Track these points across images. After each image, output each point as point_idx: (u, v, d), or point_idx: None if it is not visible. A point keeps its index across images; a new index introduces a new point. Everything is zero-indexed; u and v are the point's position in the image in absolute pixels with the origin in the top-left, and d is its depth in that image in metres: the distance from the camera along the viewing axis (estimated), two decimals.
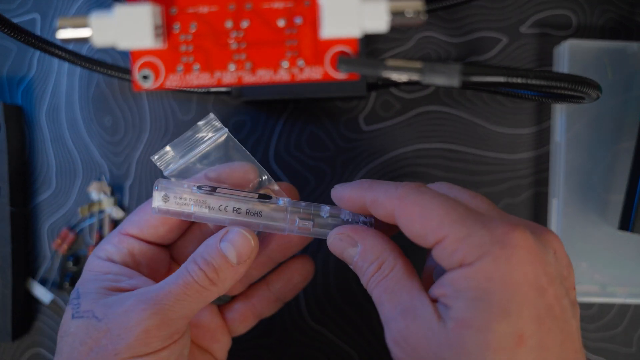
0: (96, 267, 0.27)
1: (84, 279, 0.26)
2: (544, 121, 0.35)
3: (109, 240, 0.28)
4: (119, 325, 0.23)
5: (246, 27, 0.21)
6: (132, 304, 0.24)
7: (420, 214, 0.22)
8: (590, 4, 0.35)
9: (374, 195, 0.24)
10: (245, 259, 0.25)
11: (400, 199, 0.23)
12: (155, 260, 0.28)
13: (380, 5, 0.20)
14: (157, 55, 0.21)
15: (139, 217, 0.28)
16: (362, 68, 0.21)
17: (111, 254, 0.27)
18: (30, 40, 0.30)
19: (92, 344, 0.24)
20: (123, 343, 0.23)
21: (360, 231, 0.25)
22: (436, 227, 0.22)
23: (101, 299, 0.25)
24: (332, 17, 0.20)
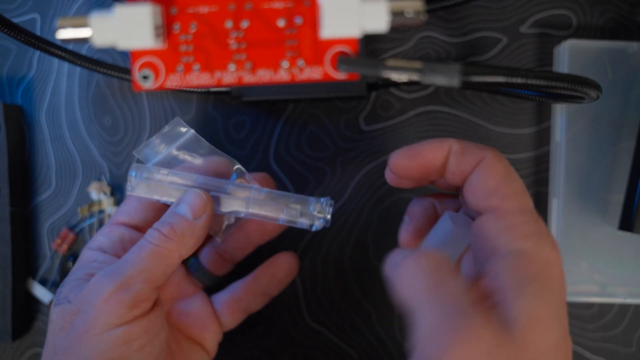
0: (85, 257, 0.27)
1: (72, 270, 0.27)
2: (544, 121, 0.35)
3: (101, 231, 0.29)
4: (85, 303, 0.24)
5: (246, 27, 0.21)
6: (94, 281, 0.24)
7: (503, 174, 0.22)
8: (590, 4, 0.35)
9: (463, 143, 0.23)
10: (201, 213, 0.26)
11: (492, 151, 0.23)
12: None
13: (380, 5, 0.20)
14: (157, 55, 0.21)
15: (128, 206, 0.29)
16: (362, 68, 0.21)
17: (102, 243, 0.28)
18: (30, 40, 0.30)
19: (67, 327, 0.24)
20: (89, 318, 0.24)
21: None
22: (509, 194, 0.21)
23: (79, 285, 0.25)
24: (332, 17, 0.20)
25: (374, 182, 0.35)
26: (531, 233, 0.21)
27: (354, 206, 0.35)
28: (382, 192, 0.35)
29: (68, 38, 0.21)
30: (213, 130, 0.35)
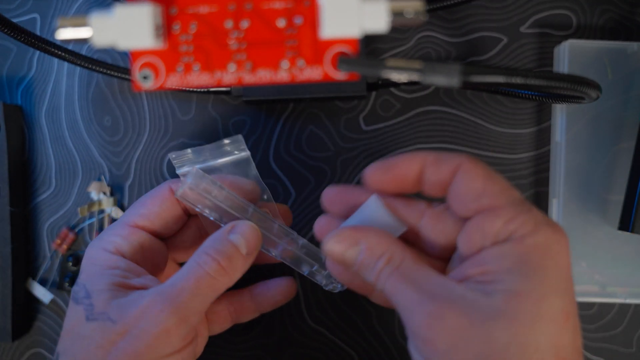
0: (103, 260, 0.26)
1: (90, 274, 0.26)
2: (544, 121, 0.35)
3: (116, 232, 0.27)
4: (137, 327, 0.23)
5: (246, 27, 0.21)
6: (147, 304, 0.24)
7: (485, 175, 0.22)
8: (590, 4, 0.35)
9: (437, 154, 0.23)
10: (253, 249, 0.26)
11: (467, 157, 0.23)
12: (158, 255, 0.28)
13: (380, 6, 0.20)
14: (157, 55, 0.21)
15: (148, 210, 0.28)
16: (362, 68, 0.21)
17: (120, 246, 0.27)
18: (30, 40, 0.30)
19: (108, 346, 0.23)
20: (143, 344, 0.23)
21: (361, 230, 0.24)
22: (498, 192, 0.22)
23: (113, 298, 0.24)
24: (332, 17, 0.20)
25: None
26: (528, 221, 0.21)
27: None
28: None
29: (68, 38, 0.21)
30: (213, 130, 0.35)
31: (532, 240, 0.21)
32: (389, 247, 0.23)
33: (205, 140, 0.35)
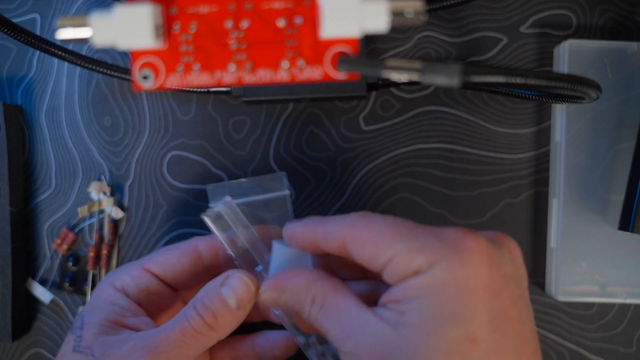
0: (106, 295, 0.27)
1: (91, 306, 0.26)
2: (544, 121, 0.35)
3: (128, 271, 0.28)
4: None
5: (246, 27, 0.21)
6: (128, 349, 0.24)
7: (371, 237, 0.22)
8: (590, 4, 0.35)
9: (324, 228, 0.24)
10: (245, 304, 0.26)
11: (350, 226, 0.23)
12: (164, 300, 0.29)
13: (380, 6, 0.20)
14: (157, 55, 0.21)
15: (165, 258, 0.28)
16: (362, 68, 0.20)
17: (127, 285, 0.27)
18: (30, 40, 0.30)
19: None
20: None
21: (283, 277, 0.25)
22: (387, 246, 0.22)
23: (102, 335, 0.25)
24: (332, 17, 0.20)
25: (374, 182, 0.35)
26: (427, 255, 0.21)
27: (353, 206, 0.35)
28: (382, 192, 0.35)
29: (68, 38, 0.21)
30: (213, 130, 0.35)
31: (431, 272, 0.21)
32: (310, 287, 0.24)
33: (205, 141, 0.35)
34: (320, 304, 0.23)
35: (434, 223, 0.35)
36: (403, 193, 0.35)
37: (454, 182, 0.35)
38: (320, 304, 0.23)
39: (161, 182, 0.35)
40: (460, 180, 0.35)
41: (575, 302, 0.34)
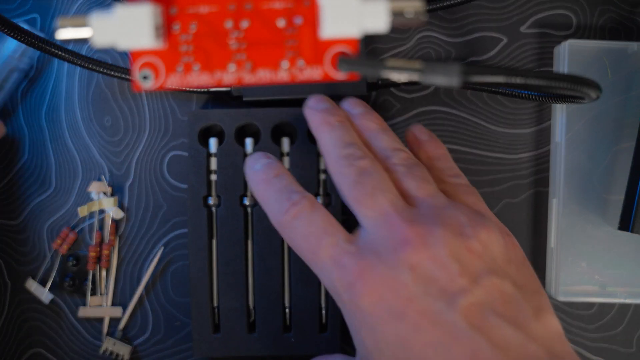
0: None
1: None
2: (544, 121, 0.35)
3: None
4: None
5: (246, 27, 0.21)
6: None
7: (294, 246, 0.24)
8: (590, 4, 0.35)
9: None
10: None
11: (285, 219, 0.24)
12: None
13: (380, 6, 0.20)
14: (157, 55, 0.21)
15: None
16: (362, 68, 0.21)
17: None
18: (30, 40, 0.30)
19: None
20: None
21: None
22: (311, 267, 0.23)
23: None
24: (332, 17, 0.20)
25: None
26: (336, 296, 0.22)
27: None
28: None
29: (68, 38, 0.21)
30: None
31: (343, 310, 0.22)
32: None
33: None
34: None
35: None
36: None
37: None
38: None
39: (161, 182, 0.35)
40: None
41: (575, 302, 0.34)
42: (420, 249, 0.21)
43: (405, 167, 0.24)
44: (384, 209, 0.23)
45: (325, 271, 0.22)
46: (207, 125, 0.34)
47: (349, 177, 0.24)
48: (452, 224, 0.22)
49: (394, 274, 0.21)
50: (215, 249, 0.33)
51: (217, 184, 0.33)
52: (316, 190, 0.33)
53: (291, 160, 0.33)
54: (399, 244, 0.21)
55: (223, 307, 0.33)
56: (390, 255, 0.21)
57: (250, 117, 0.33)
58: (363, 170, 0.24)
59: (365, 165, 0.24)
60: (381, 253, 0.22)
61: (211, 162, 0.33)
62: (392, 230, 0.22)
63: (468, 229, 0.22)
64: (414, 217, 0.22)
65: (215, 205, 0.33)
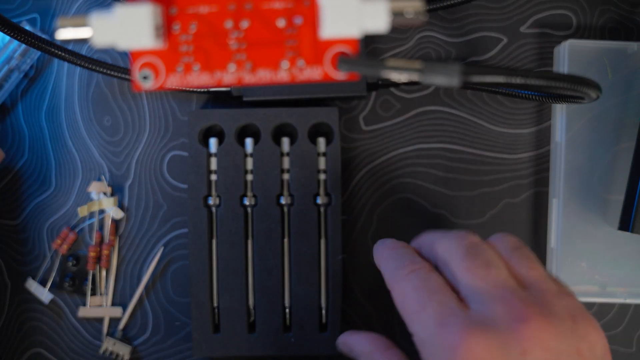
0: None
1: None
2: (544, 121, 0.35)
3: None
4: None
5: (246, 27, 0.21)
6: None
7: (400, 297, 0.24)
8: (590, 4, 0.35)
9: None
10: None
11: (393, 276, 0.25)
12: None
13: (380, 6, 0.20)
14: (157, 55, 0.21)
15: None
16: (362, 68, 0.20)
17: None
18: (30, 40, 0.30)
19: None
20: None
21: (353, 338, 0.28)
22: (409, 321, 0.23)
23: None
24: (331, 18, 0.20)
25: (374, 182, 0.35)
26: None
27: (353, 206, 0.35)
28: (382, 192, 0.35)
29: (68, 38, 0.21)
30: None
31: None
32: (369, 356, 0.26)
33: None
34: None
35: (434, 223, 0.35)
36: (403, 193, 0.35)
37: (454, 182, 0.35)
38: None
39: (161, 182, 0.35)
40: (460, 180, 0.35)
41: None
42: (536, 335, 0.21)
43: (513, 249, 0.24)
44: (498, 283, 0.22)
45: (426, 328, 0.22)
46: (207, 126, 0.34)
47: (461, 249, 0.24)
48: (565, 317, 0.22)
49: (503, 349, 0.20)
50: (215, 249, 0.33)
51: (217, 184, 0.33)
52: (316, 190, 0.33)
53: (291, 160, 0.33)
54: (516, 321, 0.21)
55: (223, 307, 0.33)
56: (505, 329, 0.21)
57: (250, 117, 0.33)
58: (474, 244, 0.24)
59: (476, 240, 0.24)
60: (495, 324, 0.21)
61: (211, 162, 0.33)
62: (508, 306, 0.21)
63: (581, 328, 0.22)
64: (528, 298, 0.22)
65: (216, 205, 0.33)
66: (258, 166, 0.33)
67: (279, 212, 0.33)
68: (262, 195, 0.33)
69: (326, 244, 0.33)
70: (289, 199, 0.33)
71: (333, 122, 0.33)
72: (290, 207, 0.33)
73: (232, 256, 0.33)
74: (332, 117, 0.33)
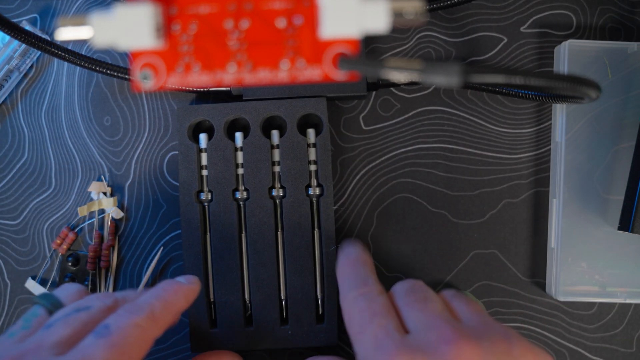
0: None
1: None
2: (544, 121, 0.35)
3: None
4: None
5: (246, 27, 0.21)
6: None
7: (347, 317, 0.26)
8: (590, 4, 0.35)
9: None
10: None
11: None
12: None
13: (380, 6, 0.20)
14: (157, 55, 0.21)
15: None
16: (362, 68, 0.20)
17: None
18: (30, 40, 0.30)
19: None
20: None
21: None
22: (352, 341, 0.24)
23: None
24: (332, 17, 0.20)
25: (374, 182, 0.35)
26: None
27: (354, 206, 0.35)
28: (382, 192, 0.35)
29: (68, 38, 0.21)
30: None
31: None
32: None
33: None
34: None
35: (434, 223, 0.35)
36: (403, 193, 0.35)
37: (454, 182, 0.35)
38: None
39: (160, 182, 0.35)
40: (460, 180, 0.35)
41: (575, 302, 0.34)
42: (463, 355, 0.22)
43: (454, 295, 0.27)
44: (434, 313, 0.24)
45: (365, 349, 0.23)
46: (196, 121, 0.34)
47: (406, 286, 0.27)
48: (498, 340, 0.23)
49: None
50: (209, 244, 0.34)
51: (208, 179, 0.33)
52: (308, 181, 0.33)
53: (281, 152, 0.33)
54: (444, 343, 0.22)
55: (219, 302, 0.33)
56: (434, 352, 0.22)
57: (239, 110, 0.33)
58: (416, 283, 0.27)
59: (420, 283, 0.27)
60: (426, 348, 0.22)
61: (202, 158, 0.34)
62: (440, 332, 0.23)
63: (516, 350, 0.23)
64: (460, 325, 0.24)
65: (208, 200, 0.33)
66: (248, 159, 0.33)
67: (271, 205, 0.33)
68: (254, 189, 0.33)
69: (320, 235, 0.33)
70: (281, 191, 0.33)
71: (322, 113, 0.33)
72: (282, 199, 0.33)
73: (226, 251, 0.33)
74: (321, 107, 0.33)
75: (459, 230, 0.35)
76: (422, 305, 0.25)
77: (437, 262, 0.35)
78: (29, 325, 0.25)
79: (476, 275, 0.35)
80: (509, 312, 0.35)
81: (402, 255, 0.35)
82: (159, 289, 0.27)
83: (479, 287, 0.35)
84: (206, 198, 0.33)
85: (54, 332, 0.24)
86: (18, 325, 0.25)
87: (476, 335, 0.23)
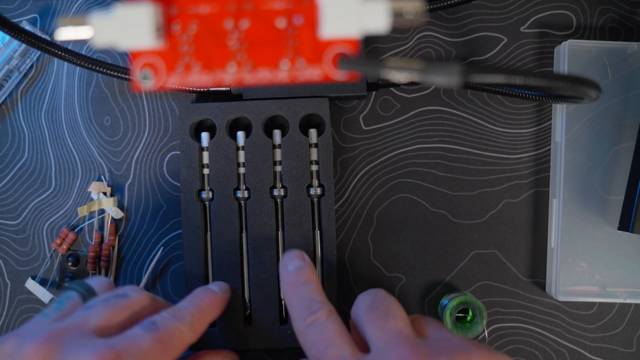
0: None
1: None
2: (544, 121, 0.35)
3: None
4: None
5: (246, 27, 0.21)
6: None
7: (303, 346, 0.26)
8: (590, 4, 0.35)
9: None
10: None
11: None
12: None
13: (380, 6, 0.20)
14: (157, 55, 0.21)
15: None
16: (362, 68, 0.20)
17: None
18: (30, 40, 0.30)
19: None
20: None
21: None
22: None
23: None
24: (331, 18, 0.20)
25: (374, 182, 0.35)
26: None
27: (354, 206, 0.35)
28: (382, 192, 0.35)
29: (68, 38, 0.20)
30: None
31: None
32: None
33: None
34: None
35: (434, 223, 0.35)
36: (403, 193, 0.35)
37: (454, 182, 0.35)
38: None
39: (161, 182, 0.35)
40: (460, 180, 0.35)
41: (575, 302, 0.34)
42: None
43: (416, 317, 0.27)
44: (394, 331, 0.24)
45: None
46: (198, 120, 0.34)
47: (366, 303, 0.26)
48: (457, 354, 0.23)
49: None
50: (209, 242, 0.33)
51: (209, 177, 0.33)
52: (309, 181, 0.33)
53: (283, 151, 0.33)
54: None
55: None
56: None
57: (241, 109, 0.33)
58: (377, 296, 0.26)
59: (381, 295, 0.27)
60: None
61: (204, 156, 0.34)
62: (400, 353, 0.23)
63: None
64: (421, 343, 0.24)
65: (209, 199, 0.33)
66: (250, 159, 0.33)
67: (272, 204, 0.33)
68: (255, 188, 0.33)
69: (320, 235, 0.33)
70: (282, 190, 0.33)
71: (324, 113, 0.33)
72: (283, 199, 0.33)
73: (227, 250, 0.33)
74: (323, 107, 0.33)
75: (459, 230, 0.35)
76: (383, 322, 0.25)
77: (437, 262, 0.35)
78: (63, 307, 0.26)
79: (476, 275, 0.35)
80: (509, 312, 0.35)
81: (402, 255, 0.35)
82: (197, 299, 0.28)
83: (479, 287, 0.35)
84: (207, 197, 0.33)
85: (96, 312, 0.25)
86: (51, 307, 0.26)
87: (435, 352, 0.23)
